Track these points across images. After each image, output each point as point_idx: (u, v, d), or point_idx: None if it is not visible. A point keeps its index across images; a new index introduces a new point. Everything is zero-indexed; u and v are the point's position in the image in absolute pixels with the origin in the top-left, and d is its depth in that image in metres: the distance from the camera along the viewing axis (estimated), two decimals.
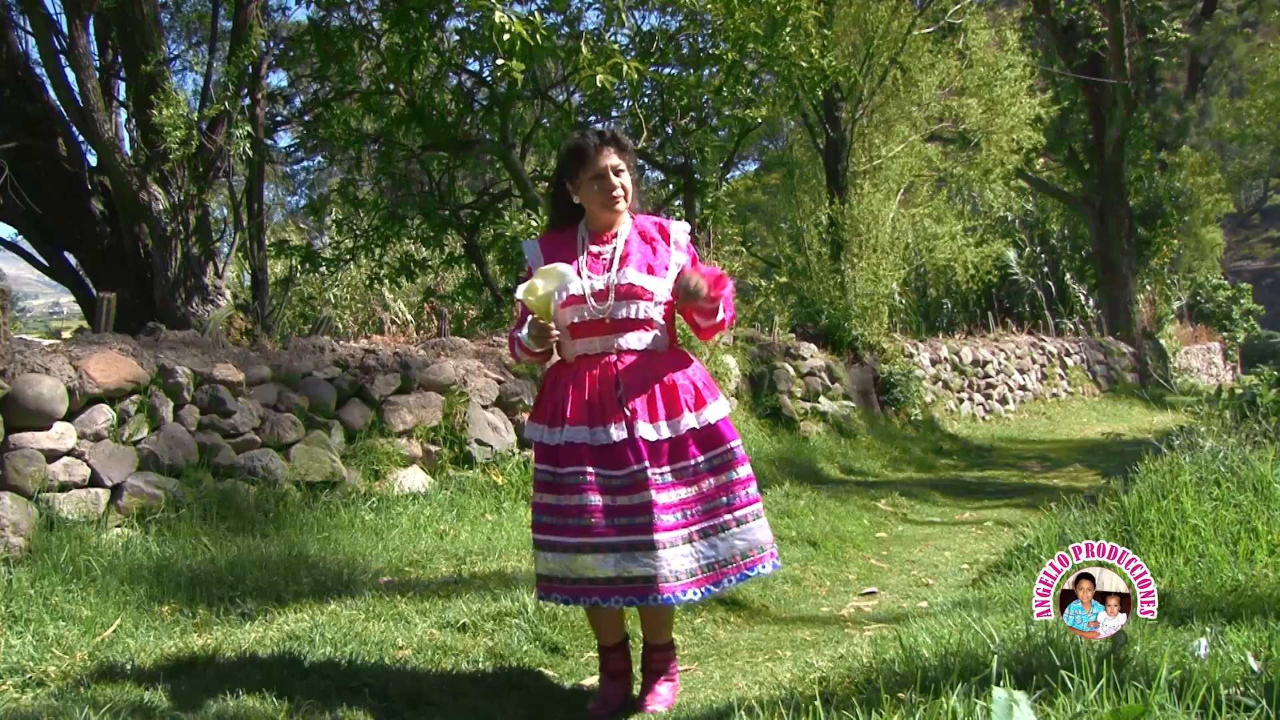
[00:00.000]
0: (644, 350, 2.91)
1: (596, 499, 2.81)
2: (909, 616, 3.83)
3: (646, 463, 2.81)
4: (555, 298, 2.82)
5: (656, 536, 2.76)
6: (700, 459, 2.88)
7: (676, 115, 9.75)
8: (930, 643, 2.81)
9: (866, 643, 3.32)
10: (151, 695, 2.88)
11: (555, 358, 3.06)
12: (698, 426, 2.88)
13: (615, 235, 2.98)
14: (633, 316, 2.89)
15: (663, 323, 2.96)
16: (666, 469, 2.84)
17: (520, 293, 2.85)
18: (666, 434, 2.84)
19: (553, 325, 2.86)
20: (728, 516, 2.87)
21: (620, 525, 2.79)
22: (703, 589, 2.82)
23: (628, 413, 2.83)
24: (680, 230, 3.04)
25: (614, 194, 2.92)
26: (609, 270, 2.91)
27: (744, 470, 2.93)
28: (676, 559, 2.78)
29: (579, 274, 2.90)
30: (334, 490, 5.35)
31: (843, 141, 12.45)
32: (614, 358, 2.89)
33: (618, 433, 2.82)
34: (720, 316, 2.92)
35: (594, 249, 2.96)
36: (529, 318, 2.88)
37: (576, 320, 2.90)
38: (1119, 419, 14.59)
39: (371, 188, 11.52)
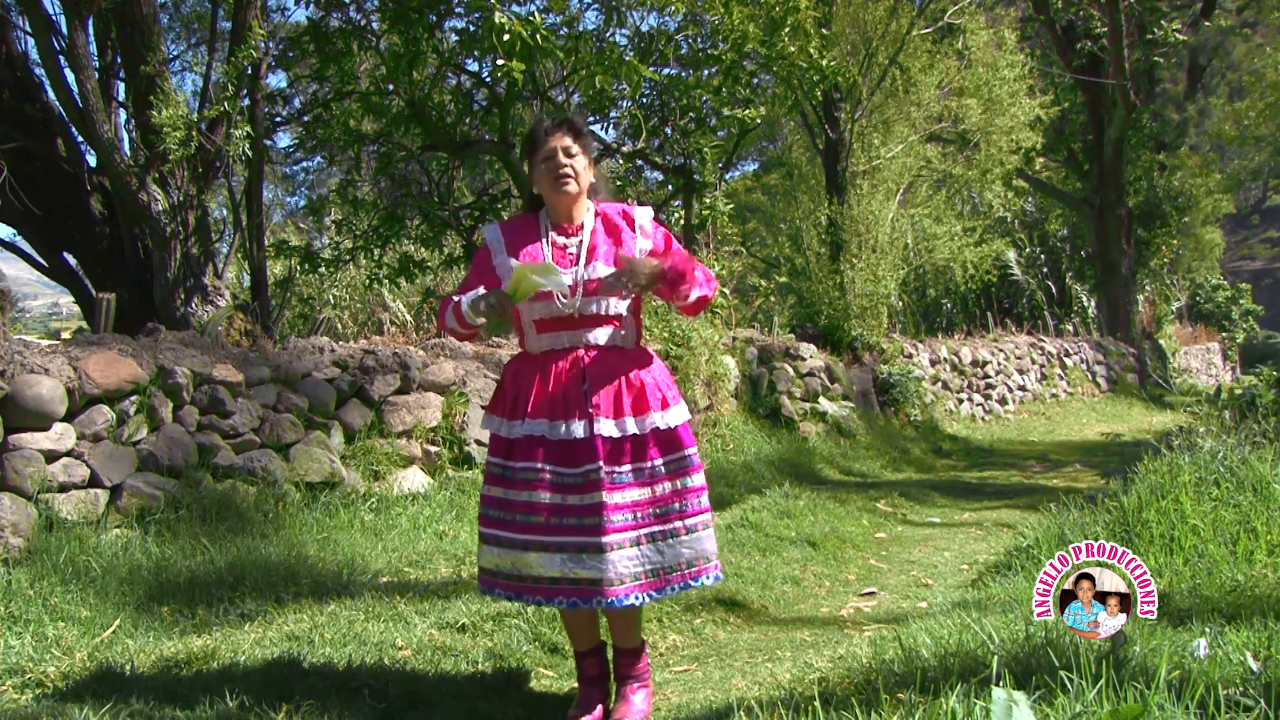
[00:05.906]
0: (611, 346, 2.86)
1: (546, 497, 2.76)
2: (908, 617, 3.83)
3: (601, 462, 2.74)
4: (530, 293, 2.70)
5: (605, 539, 2.70)
6: (660, 461, 2.83)
7: (675, 116, 9.75)
8: (930, 643, 2.81)
9: (866, 643, 3.31)
10: (151, 696, 2.88)
11: (517, 349, 2.97)
12: (662, 427, 2.83)
13: (581, 227, 2.91)
14: (601, 312, 2.83)
15: (630, 318, 2.92)
16: (627, 468, 2.78)
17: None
18: (632, 430, 2.79)
19: (518, 309, 2.78)
20: (679, 524, 2.82)
21: (569, 525, 2.74)
22: (646, 594, 2.76)
23: (591, 409, 2.78)
24: (645, 215, 2.96)
25: (560, 174, 2.83)
26: (576, 264, 2.84)
27: (698, 479, 2.88)
28: (623, 561, 2.72)
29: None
30: (333, 491, 5.35)
31: (842, 142, 12.44)
32: (581, 353, 2.83)
33: (579, 429, 2.77)
34: (692, 293, 2.82)
35: (558, 240, 2.88)
36: (482, 292, 2.75)
37: (543, 315, 2.83)
38: (1118, 419, 14.61)
39: (371, 188, 11.51)
